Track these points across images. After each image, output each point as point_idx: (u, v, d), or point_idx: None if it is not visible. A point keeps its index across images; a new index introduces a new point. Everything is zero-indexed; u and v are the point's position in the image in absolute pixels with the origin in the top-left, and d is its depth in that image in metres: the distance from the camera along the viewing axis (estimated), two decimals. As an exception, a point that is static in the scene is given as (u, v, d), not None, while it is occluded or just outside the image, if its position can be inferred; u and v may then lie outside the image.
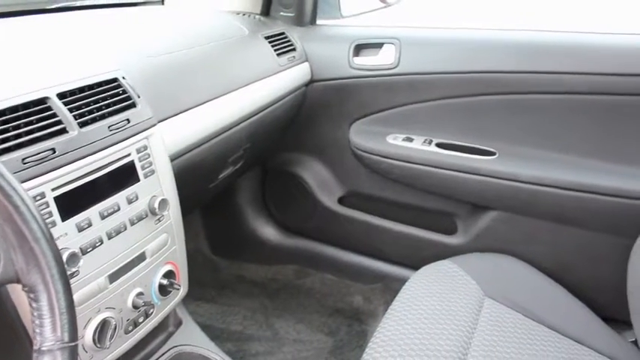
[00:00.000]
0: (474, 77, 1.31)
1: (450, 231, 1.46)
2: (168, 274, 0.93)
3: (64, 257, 0.68)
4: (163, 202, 0.87)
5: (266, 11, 1.56)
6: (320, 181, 1.61)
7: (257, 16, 1.52)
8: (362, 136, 1.46)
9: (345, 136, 1.50)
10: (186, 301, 1.08)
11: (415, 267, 1.21)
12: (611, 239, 1.22)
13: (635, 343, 1.07)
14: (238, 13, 1.49)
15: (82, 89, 0.79)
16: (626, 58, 1.19)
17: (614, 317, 1.17)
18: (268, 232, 1.77)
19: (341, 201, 1.61)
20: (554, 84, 1.24)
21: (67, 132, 0.74)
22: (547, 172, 1.25)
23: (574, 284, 1.23)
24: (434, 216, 1.47)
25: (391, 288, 1.55)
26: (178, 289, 0.95)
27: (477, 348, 0.94)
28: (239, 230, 1.77)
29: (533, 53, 1.27)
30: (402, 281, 1.14)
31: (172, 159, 0.95)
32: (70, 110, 0.75)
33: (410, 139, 1.40)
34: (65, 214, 0.72)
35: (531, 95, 1.27)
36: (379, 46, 1.43)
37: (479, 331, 0.99)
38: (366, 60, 1.44)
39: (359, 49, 1.45)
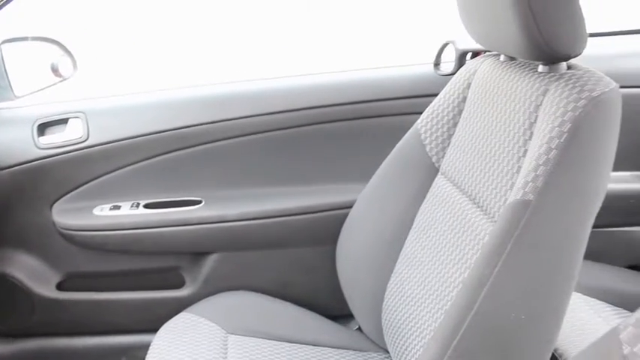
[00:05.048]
0: (166, 135, 1.38)
1: (179, 284, 1.48)
2: None
3: None
4: None
5: None
6: (31, 272, 1.48)
7: None
8: (67, 215, 1.40)
9: (48, 220, 1.42)
10: None
11: (155, 329, 1.21)
12: (318, 249, 1.41)
13: (359, 329, 1.25)
14: None
15: None
16: (296, 96, 1.40)
17: (340, 314, 1.35)
18: None
19: (60, 287, 1.51)
20: (241, 128, 1.39)
21: None
22: (251, 206, 1.38)
23: (300, 297, 1.40)
24: (160, 274, 1.48)
25: (138, 357, 1.51)
26: None
27: None
28: None
29: (214, 104, 1.40)
30: (147, 347, 1.14)
31: None
32: None
33: (117, 207, 1.40)
34: None
35: (223, 142, 1.39)
36: (65, 121, 1.40)
37: None
38: (54, 138, 1.39)
39: (43, 127, 1.40)
